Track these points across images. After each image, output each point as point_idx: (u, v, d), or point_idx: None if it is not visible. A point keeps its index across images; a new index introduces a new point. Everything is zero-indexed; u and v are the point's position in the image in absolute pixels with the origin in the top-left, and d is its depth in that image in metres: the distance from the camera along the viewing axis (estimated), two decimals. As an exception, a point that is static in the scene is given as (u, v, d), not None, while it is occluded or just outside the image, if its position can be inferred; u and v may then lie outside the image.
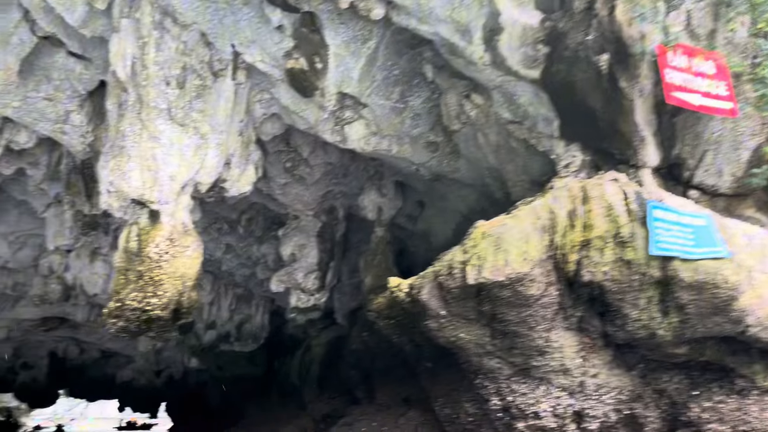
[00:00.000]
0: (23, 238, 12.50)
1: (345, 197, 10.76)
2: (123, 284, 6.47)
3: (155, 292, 6.41)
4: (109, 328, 6.49)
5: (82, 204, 9.06)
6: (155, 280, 6.45)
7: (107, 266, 12.52)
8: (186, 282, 6.64)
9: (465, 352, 6.20)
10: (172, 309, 6.50)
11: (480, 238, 5.50)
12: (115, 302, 6.44)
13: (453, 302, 5.70)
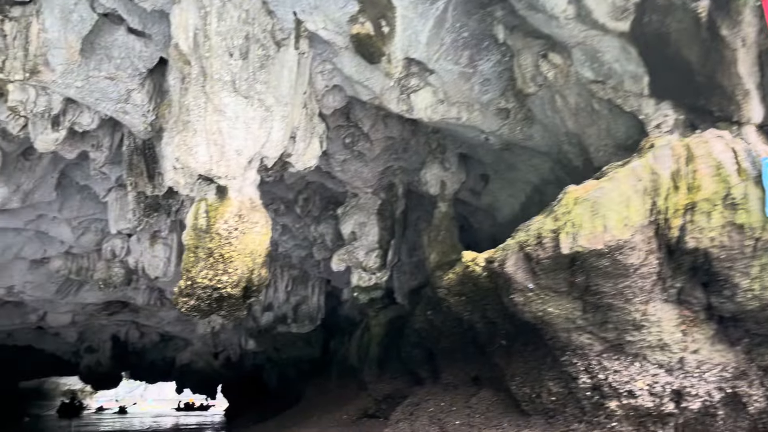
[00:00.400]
0: (86, 223, 12.57)
1: (404, 173, 10.39)
2: (193, 262, 6.25)
3: (226, 269, 6.18)
4: (181, 307, 6.30)
5: (144, 185, 8.93)
6: (225, 257, 6.21)
7: (167, 249, 12.52)
8: (256, 259, 6.39)
9: (552, 327, 5.77)
10: (243, 286, 6.26)
11: (573, 203, 5.04)
12: (186, 280, 6.24)
13: (542, 274, 5.28)
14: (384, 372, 12.85)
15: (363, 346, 13.73)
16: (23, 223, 12.10)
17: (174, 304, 6.47)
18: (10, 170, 9.73)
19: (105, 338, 21.21)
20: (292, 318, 15.71)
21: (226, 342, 20.97)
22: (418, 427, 9.34)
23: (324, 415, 13.66)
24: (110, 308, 17.78)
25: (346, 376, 14.84)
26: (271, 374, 18.60)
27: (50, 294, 15.26)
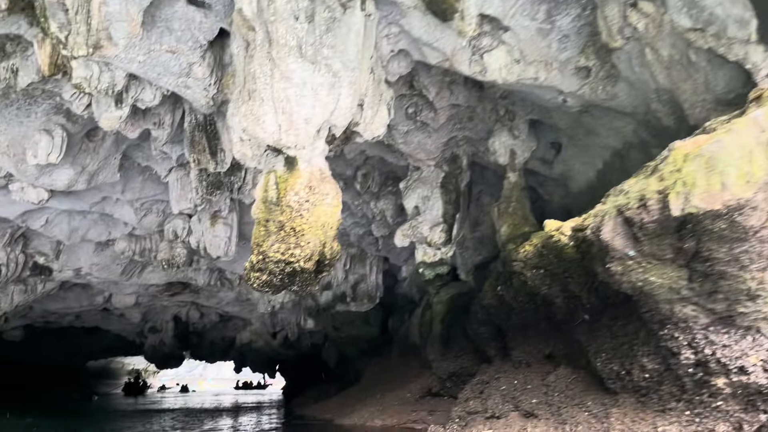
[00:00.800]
0: (148, 204, 12.58)
1: (468, 144, 9.92)
2: (263, 236, 5.99)
3: (298, 242, 5.89)
4: (252, 282, 6.06)
5: (207, 162, 8.75)
6: (297, 230, 5.93)
7: (228, 229, 12.43)
8: (327, 231, 6.08)
9: (652, 298, 5.26)
10: (316, 260, 5.97)
11: (683, 161, 4.50)
12: (257, 255, 5.99)
13: (645, 240, 4.77)
14: (448, 350, 12.50)
15: (425, 324, 13.41)
16: (89, 206, 12.19)
17: (246, 280, 6.23)
18: (75, 152, 9.72)
19: (167, 319, 21.58)
20: (351, 297, 15.51)
21: (284, 322, 21.04)
22: (490, 405, 8.96)
23: (387, 394, 13.45)
24: (172, 289, 17.99)
25: (408, 354, 14.58)
26: (331, 353, 18.54)
27: (115, 275, 15.48)
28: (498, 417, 8.66)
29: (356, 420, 12.31)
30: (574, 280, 6.74)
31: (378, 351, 16.76)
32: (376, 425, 11.81)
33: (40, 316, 21.17)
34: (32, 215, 12.40)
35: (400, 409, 12.25)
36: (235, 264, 15.33)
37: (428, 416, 11.65)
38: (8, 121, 8.84)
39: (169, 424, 14.26)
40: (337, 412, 13.81)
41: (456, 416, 9.69)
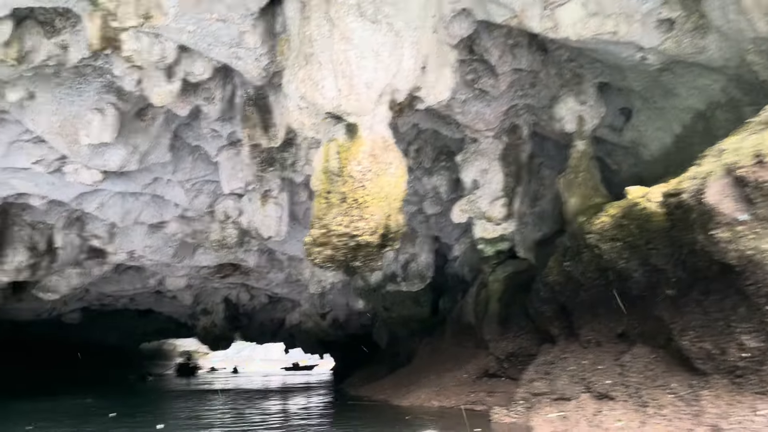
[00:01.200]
0: (198, 185, 12.42)
1: (529, 113, 9.33)
2: (326, 208, 5.62)
3: (361, 215, 5.50)
4: (314, 258, 5.71)
5: (260, 137, 8.44)
6: (360, 201, 5.53)
7: (279, 209, 12.16)
8: (392, 203, 5.68)
9: (762, 269, 4.68)
10: (381, 233, 5.57)
11: (810, 107, 3.92)
12: (319, 229, 5.62)
13: (761, 201, 4.20)
14: (505, 330, 12.02)
15: (480, 304, 12.93)
16: (141, 187, 12.09)
17: (307, 256, 5.89)
18: (127, 132, 9.54)
19: (218, 301, 21.68)
20: (402, 277, 15.14)
21: (333, 303, 20.87)
22: (558, 386, 8.47)
23: (442, 374, 13.07)
24: (222, 271, 17.96)
25: (462, 334, 14.15)
26: (382, 333, 18.28)
27: (167, 258, 15.48)
28: (567, 399, 8.17)
29: (412, 401, 11.98)
30: (659, 251, 6.16)
31: (429, 331, 16.39)
32: (433, 406, 11.46)
33: (96, 299, 21.55)
34: (87, 198, 12.38)
35: (457, 390, 11.87)
36: (286, 245, 15.13)
37: (487, 397, 11.22)
38: (60, 101, 8.71)
39: (229, 405, 14.24)
40: (391, 393, 13.53)
41: (520, 398, 9.23)
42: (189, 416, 11.09)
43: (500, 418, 8.86)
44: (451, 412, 10.64)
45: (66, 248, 14.03)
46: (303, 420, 9.97)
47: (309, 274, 16.18)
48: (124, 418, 10.48)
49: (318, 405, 13.26)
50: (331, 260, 5.73)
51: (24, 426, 9.16)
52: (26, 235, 13.32)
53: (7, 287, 18.18)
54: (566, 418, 7.66)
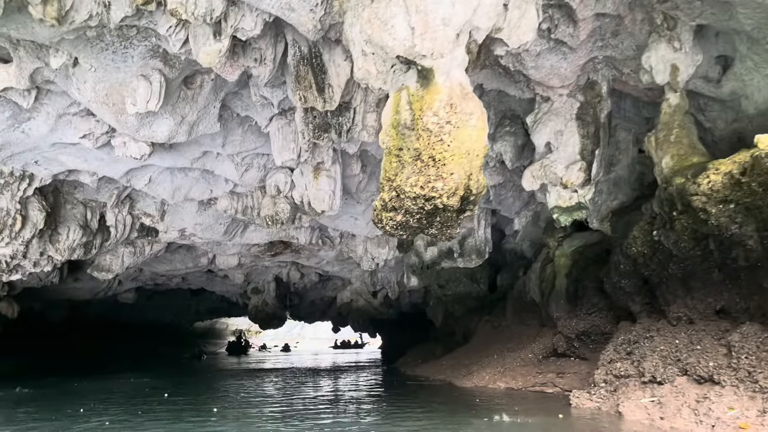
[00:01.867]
0: (249, 159, 11.86)
1: (609, 66, 8.31)
2: (396, 168, 4.86)
3: (439, 174, 4.72)
4: (385, 225, 4.97)
5: (314, 100, 7.73)
6: (437, 159, 4.75)
7: (332, 182, 11.49)
8: (473, 160, 4.87)
9: None
10: (460, 195, 4.79)
11: None
12: (390, 191, 4.87)
13: None
14: (575, 307, 11.12)
15: (546, 280, 12.05)
16: (189, 162, 11.60)
17: (376, 223, 5.16)
18: (174, 101, 8.98)
19: (269, 279, 21.36)
20: (459, 252, 14.32)
21: (385, 280, 20.25)
22: (647, 368, 7.56)
23: (505, 354, 12.28)
24: (273, 249, 17.53)
25: (524, 312, 13.30)
26: (437, 311, 17.57)
27: (218, 235, 15.09)
28: (659, 382, 7.28)
29: (476, 382, 11.25)
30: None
31: (487, 309, 15.58)
32: (499, 388, 10.71)
33: (150, 279, 21.53)
34: (136, 174, 11.99)
35: (523, 371, 11.08)
36: (338, 220, 14.51)
37: (557, 378, 10.40)
38: (105, 67, 8.17)
39: (284, 383, 13.81)
40: (451, 374, 12.83)
41: (600, 380, 8.37)
42: (243, 398, 10.65)
43: (581, 402, 8.04)
44: (520, 394, 9.87)
45: (117, 226, 13.76)
46: (369, 404, 9.34)
47: (362, 251, 15.54)
48: (178, 399, 10.09)
49: (377, 385, 12.67)
50: (404, 227, 4.98)
51: (78, 408, 8.84)
52: (79, 213, 13.07)
53: (63, 266, 18.28)
54: (662, 403, 6.77)
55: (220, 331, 44.61)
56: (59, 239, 12.82)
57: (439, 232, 5.09)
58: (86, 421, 7.57)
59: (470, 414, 7.48)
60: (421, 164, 4.74)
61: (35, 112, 9.81)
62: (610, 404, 7.56)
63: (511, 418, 6.92)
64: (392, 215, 4.89)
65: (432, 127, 4.71)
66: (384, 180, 4.99)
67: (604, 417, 7.09)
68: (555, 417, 7.20)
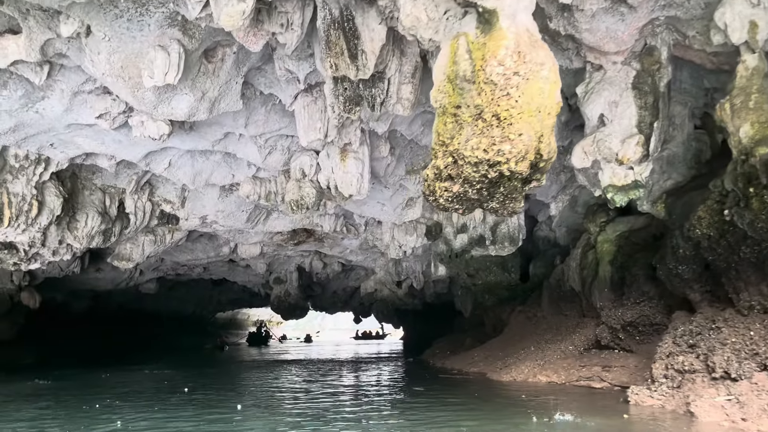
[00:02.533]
0: (272, 141, 11.13)
1: (669, 29, 7.42)
2: (453, 129, 4.07)
3: (505, 135, 3.93)
4: (437, 197, 4.20)
5: (346, 67, 6.95)
6: (502, 116, 3.95)
7: (359, 164, 10.74)
8: (544, 119, 4.06)
9: None
10: (530, 161, 3.99)
11: None
12: (445, 157, 4.10)
13: None
14: (620, 296, 10.26)
15: (587, 267, 11.19)
16: (210, 144, 10.92)
17: (427, 196, 4.38)
18: (194, 75, 8.26)
19: (291, 269, 20.70)
20: (491, 240, 13.49)
21: (409, 270, 19.49)
22: (717, 363, 6.70)
23: (543, 346, 11.46)
24: (296, 237, 16.85)
25: (562, 301, 12.45)
26: (466, 301, 16.77)
27: (240, 223, 14.43)
28: (735, 379, 6.42)
29: (514, 376, 10.45)
30: None
31: (520, 299, 14.75)
32: (540, 382, 9.91)
33: (171, 269, 21.01)
34: (155, 157, 11.34)
35: (564, 364, 10.26)
36: (364, 206, 13.75)
37: (604, 372, 9.57)
38: (120, 37, 7.47)
39: (310, 376, 13.14)
40: (485, 367, 12.04)
41: (660, 375, 7.53)
42: (269, 393, 9.97)
43: (641, 400, 7.21)
44: (566, 390, 9.07)
45: (137, 213, 13.15)
46: (406, 399, 8.60)
47: (388, 239, 14.78)
48: (199, 395, 9.43)
49: (408, 378, 11.93)
50: (461, 199, 4.21)
51: (95, 403, 8.21)
52: (97, 199, 12.48)
53: (84, 256, 17.80)
54: (741, 403, 5.92)
55: (242, 322, 44.22)
56: (77, 226, 12.24)
57: (500, 205, 4.31)
58: (97, 422, 6.92)
59: (522, 412, 6.70)
60: (483, 124, 3.95)
61: (49, 90, 9.19)
62: (676, 402, 6.73)
63: (573, 418, 6.13)
64: (448, 185, 4.11)
65: (497, 80, 3.91)
66: (437, 145, 4.21)
67: (674, 417, 6.26)
68: (617, 417, 6.40)
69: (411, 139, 11.30)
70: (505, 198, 4.24)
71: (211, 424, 6.44)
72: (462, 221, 13.84)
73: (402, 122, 10.61)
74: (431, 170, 4.24)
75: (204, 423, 6.50)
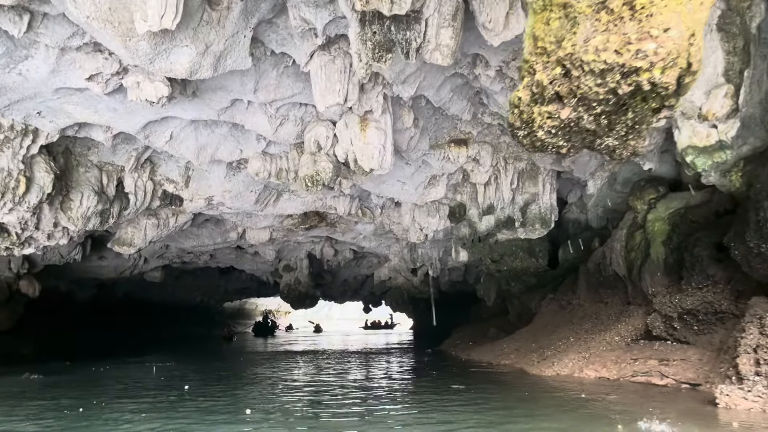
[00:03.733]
0: (284, 110, 9.80)
1: (763, -41, 6.05)
2: (562, 26, 2.72)
3: (645, 29, 2.57)
4: (535, 128, 2.86)
5: (378, 1, 5.60)
6: (638, 5, 2.60)
7: (381, 135, 9.39)
8: (696, 11, 2.71)
9: None
10: (679, 68, 2.64)
11: None
12: (552, 67, 2.74)
13: None
14: (678, 280, 8.91)
15: (636, 249, 9.83)
16: (216, 113, 9.58)
17: (518, 128, 3.04)
18: (195, 24, 6.90)
19: (301, 256, 19.39)
20: (521, 221, 12.14)
21: (425, 257, 18.14)
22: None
23: (584, 337, 10.13)
24: (307, 222, 15.53)
25: (603, 288, 11.11)
26: (489, 289, 15.40)
27: (249, 205, 13.11)
28: None
29: (558, 369, 9.13)
30: None
31: (551, 286, 13.42)
32: (588, 377, 8.59)
33: (177, 256, 19.72)
34: (155, 129, 10.01)
35: (613, 357, 8.94)
36: (383, 185, 12.39)
37: (661, 366, 8.25)
38: (106, -30, 6.17)
39: (326, 370, 11.84)
40: (519, 359, 10.72)
41: (749, 371, 6.21)
42: (282, 393, 8.69)
43: (732, 402, 5.86)
44: (622, 386, 7.73)
45: (137, 193, 11.84)
46: (451, 403, 7.27)
47: (408, 221, 13.43)
48: (201, 395, 8.12)
49: (436, 372, 10.59)
50: (569, 131, 2.88)
51: (78, 407, 6.89)
52: (93, 177, 11.15)
53: (85, 242, 16.52)
54: None
55: (250, 312, 42.99)
56: (71, 206, 10.92)
57: (620, 142, 2.98)
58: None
59: (598, 417, 5.37)
60: (610, 17, 2.61)
61: (32, 48, 7.86)
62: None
63: (665, 427, 4.80)
64: (553, 110, 2.78)
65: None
66: (534, 54, 2.85)
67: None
68: (717, 424, 5.07)
69: (438, 107, 9.94)
70: (629, 130, 2.92)
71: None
72: (488, 202, 12.49)
73: (430, 86, 9.26)
74: (525, 91, 2.90)
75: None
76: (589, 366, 8.86)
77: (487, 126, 10.93)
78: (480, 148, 11.28)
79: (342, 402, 6.97)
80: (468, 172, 12.05)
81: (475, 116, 10.55)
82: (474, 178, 12.07)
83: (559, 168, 11.86)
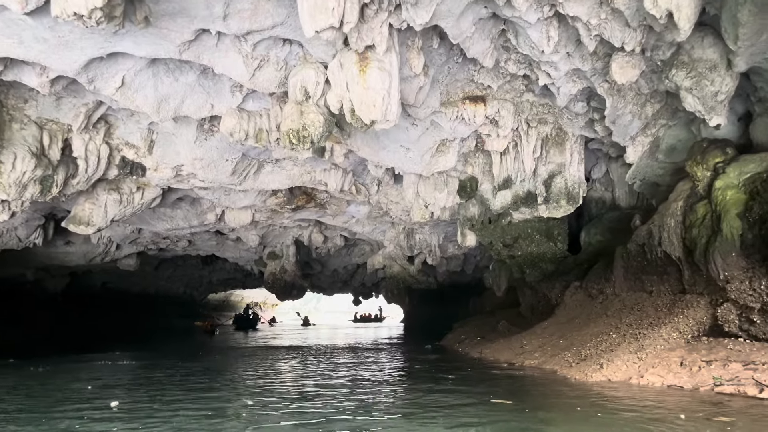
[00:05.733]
0: (264, 47, 7.51)
1: None
2: None
3: None
4: None
5: None
6: None
7: (385, 77, 7.12)
8: None
9: None
10: None
11: None
12: None
13: None
14: (762, 261, 6.76)
15: (699, 225, 7.68)
16: (177, 50, 7.25)
17: None
18: None
19: (288, 243, 17.06)
20: (544, 197, 9.95)
21: (423, 243, 15.92)
22: None
23: (630, 333, 7.95)
24: (294, 201, 13.23)
25: (647, 274, 8.94)
26: (500, 277, 13.21)
27: (225, 176, 10.77)
28: None
29: (608, 374, 6.94)
30: None
31: (574, 274, 11.26)
32: (652, 385, 6.41)
33: (152, 242, 17.30)
34: (101, 70, 7.66)
35: (677, 359, 6.77)
36: (383, 152, 10.07)
37: (748, 371, 6.12)
38: None
39: (322, 370, 9.58)
40: (549, 359, 8.51)
41: None
42: (275, 401, 6.41)
43: None
44: (705, 399, 5.56)
45: (88, 158, 9.46)
46: (483, 418, 5.01)
47: (412, 195, 11.16)
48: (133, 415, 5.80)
49: (445, 375, 8.33)
50: None
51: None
52: (30, 135, 8.75)
53: (46, 225, 14.11)
54: None
55: (235, 304, 40.46)
56: (1, 169, 8.53)
57: None
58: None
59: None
60: None
61: None
62: None
63: None
64: None
65: None
66: None
67: None
68: None
69: (455, 46, 7.71)
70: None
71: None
72: (505, 174, 10.28)
73: (449, 12, 7.03)
74: None
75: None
76: (650, 370, 6.69)
77: (510, 79, 8.73)
78: (500, 107, 9.06)
79: (352, 417, 4.71)
80: (483, 138, 9.85)
81: (497, 64, 8.33)
82: (490, 145, 9.86)
83: (590, 133, 9.69)
